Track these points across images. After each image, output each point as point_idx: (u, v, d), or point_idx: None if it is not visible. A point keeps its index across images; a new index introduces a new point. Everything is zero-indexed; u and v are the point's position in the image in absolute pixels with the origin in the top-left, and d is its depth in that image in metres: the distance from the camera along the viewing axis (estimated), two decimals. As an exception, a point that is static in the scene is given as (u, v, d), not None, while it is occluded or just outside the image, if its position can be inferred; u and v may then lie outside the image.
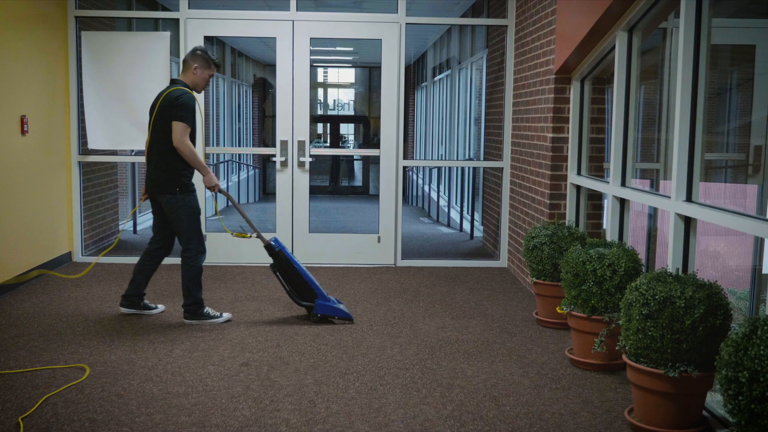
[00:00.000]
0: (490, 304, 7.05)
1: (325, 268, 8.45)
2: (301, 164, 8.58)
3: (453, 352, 5.59)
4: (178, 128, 6.00)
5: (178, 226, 6.21)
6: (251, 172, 18.10)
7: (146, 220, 11.98)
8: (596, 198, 6.87)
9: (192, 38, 8.34)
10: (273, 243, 6.39)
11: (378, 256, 8.74)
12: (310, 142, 8.62)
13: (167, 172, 6.14)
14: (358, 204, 15.89)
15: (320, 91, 23.55)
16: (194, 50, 6.31)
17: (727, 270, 6.42)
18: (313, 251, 8.70)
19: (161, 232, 6.42)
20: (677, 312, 3.97)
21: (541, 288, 6.27)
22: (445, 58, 14.93)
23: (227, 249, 8.58)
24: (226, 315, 6.31)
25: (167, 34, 8.37)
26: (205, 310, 6.27)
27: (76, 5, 8.42)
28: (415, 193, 17.61)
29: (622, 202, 5.97)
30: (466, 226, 11.59)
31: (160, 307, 6.61)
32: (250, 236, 6.50)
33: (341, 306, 6.42)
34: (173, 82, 6.28)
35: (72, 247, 8.62)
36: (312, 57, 8.66)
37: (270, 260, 6.49)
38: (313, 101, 22.85)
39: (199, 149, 8.35)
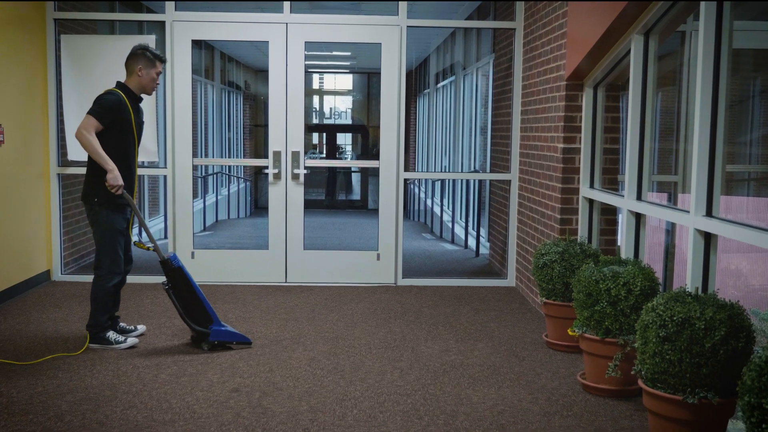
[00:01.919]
0: (497, 325, 7.06)
1: (321, 288, 8.46)
2: (296, 177, 8.61)
3: (457, 377, 5.60)
4: (84, 120, 5.96)
5: (95, 240, 6.21)
6: (242, 185, 18.13)
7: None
8: (610, 213, 6.89)
9: (179, 42, 8.38)
10: (171, 258, 6.21)
11: (377, 274, 8.75)
12: (305, 153, 8.64)
13: (89, 180, 6.13)
14: (356, 219, 15.91)
15: (316, 98, 23.60)
16: (134, 50, 6.28)
17: (750, 289, 6.42)
18: (308, 269, 8.71)
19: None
20: (697, 334, 3.98)
21: (551, 308, 6.28)
22: (449, 63, 14.98)
23: (215, 267, 8.60)
24: (132, 340, 6.23)
25: (152, 38, 8.38)
26: (107, 335, 6.16)
27: (56, 7, 8.46)
28: (416, 208, 17.64)
29: (638, 217, 5.99)
30: (472, 242, 11.60)
31: (141, 327, 6.64)
32: (149, 248, 6.29)
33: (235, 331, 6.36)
34: (117, 84, 6.29)
35: (51, 265, 8.63)
36: (307, 62, 8.69)
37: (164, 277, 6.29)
38: (308, 109, 22.90)
39: (186, 166, 8.38)
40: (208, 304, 6.21)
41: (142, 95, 6.38)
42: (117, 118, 6.08)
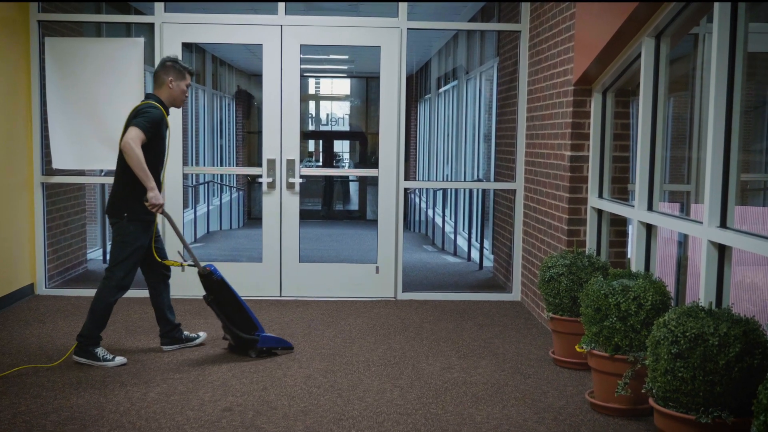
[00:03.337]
0: (502, 341, 7.06)
1: (317, 302, 8.46)
2: (291, 186, 8.62)
3: (460, 395, 5.61)
4: (131, 131, 6.02)
5: (114, 251, 6.26)
6: (234, 195, 18.16)
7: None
8: (620, 224, 6.91)
9: (169, 45, 8.40)
10: (212, 271, 6.45)
11: (376, 288, 8.76)
12: (301, 161, 8.66)
13: (119, 194, 6.24)
14: (353, 230, 15.93)
15: (312, 104, 23.66)
16: (164, 62, 6.42)
17: (766, 304, 6.43)
18: (304, 283, 8.71)
19: (144, 261, 6.50)
20: (710, 351, 3.99)
21: (558, 324, 6.29)
22: (451, 67, 15.02)
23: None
24: (119, 359, 6.22)
25: (141, 40, 8.42)
26: (96, 350, 6.19)
27: (39, 8, 8.47)
28: (417, 218, 17.66)
29: (649, 228, 6.01)
30: (475, 254, 11.61)
31: (202, 334, 6.82)
32: (183, 264, 6.54)
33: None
34: (147, 96, 6.40)
35: (35, 278, 8.63)
36: (303, 66, 8.71)
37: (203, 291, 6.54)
38: (304, 115, 22.94)
39: (176, 175, 8.40)
40: (251, 312, 6.52)
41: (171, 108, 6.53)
42: (157, 133, 6.20)
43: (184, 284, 8.10)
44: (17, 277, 8.30)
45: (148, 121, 6.09)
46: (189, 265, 6.54)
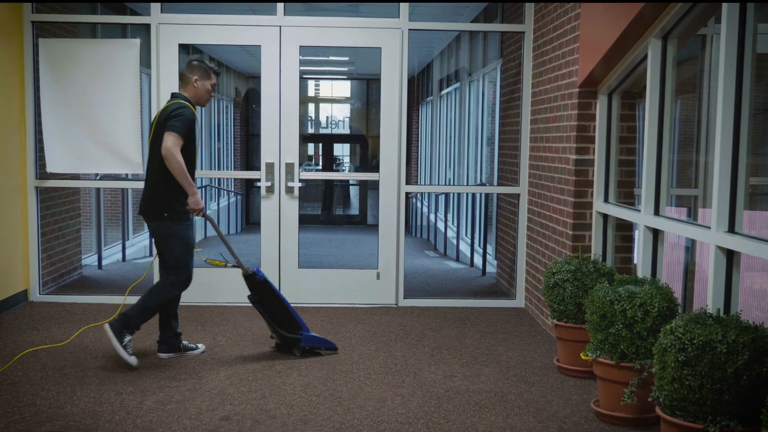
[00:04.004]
0: (505, 349, 7.06)
1: (317, 309, 8.46)
2: (290, 190, 8.63)
3: (463, 404, 5.61)
4: (170, 138, 6.20)
5: (166, 254, 6.47)
6: (233, 199, 18.16)
7: (112, 254, 12.02)
8: (626, 228, 6.91)
9: (165, 46, 8.41)
10: (256, 272, 6.70)
11: (377, 294, 8.76)
12: (300, 164, 8.66)
13: (158, 194, 6.40)
14: (354, 235, 15.93)
15: (311, 106, 23.67)
16: (190, 61, 6.59)
17: (776, 311, 6.43)
18: (303, 289, 8.71)
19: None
20: (718, 359, 3.99)
21: (562, 331, 6.29)
22: (454, 69, 15.03)
23: (204, 287, 8.59)
24: (133, 359, 6.29)
25: (137, 41, 8.43)
26: (126, 335, 6.27)
27: (33, 9, 8.48)
28: (419, 223, 17.67)
29: (656, 234, 6.01)
30: (478, 260, 11.62)
31: (201, 346, 6.86)
32: (227, 265, 6.77)
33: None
34: (173, 96, 6.54)
35: (28, 284, 8.63)
36: (302, 68, 8.72)
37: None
38: (303, 118, 22.95)
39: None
40: (294, 311, 6.80)
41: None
42: (191, 134, 6.40)
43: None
44: (10, 283, 8.29)
45: (184, 123, 6.27)
46: (232, 266, 6.75)
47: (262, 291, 6.72)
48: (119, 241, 12.39)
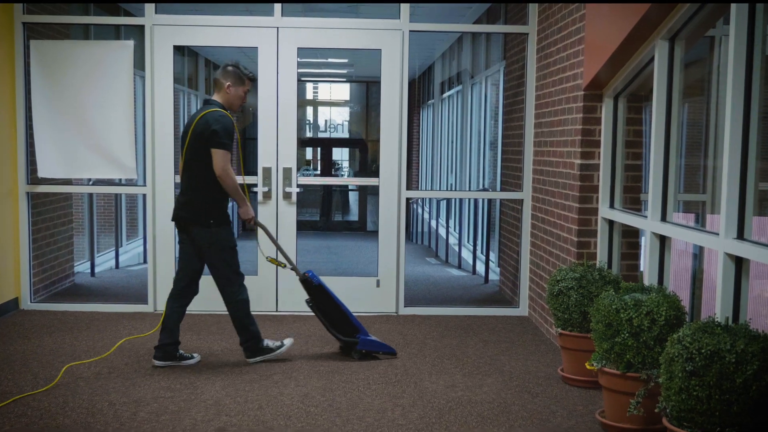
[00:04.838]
0: (508, 358, 7.06)
1: (315, 317, 8.41)
2: (287, 195, 8.63)
3: (465, 415, 5.60)
4: (220, 156, 6.45)
5: (216, 263, 6.66)
6: (228, 205, 18.13)
7: (105, 261, 12.01)
8: (632, 235, 6.91)
9: (160, 48, 8.42)
10: (310, 276, 6.99)
11: (377, 302, 8.76)
12: (298, 169, 8.66)
13: (202, 202, 6.59)
14: (353, 242, 15.92)
15: (309, 109, 23.66)
16: (225, 67, 6.72)
17: (786, 319, 6.43)
18: (301, 297, 8.62)
19: (188, 268, 6.77)
20: (727, 368, 3.99)
21: (567, 340, 6.29)
22: (456, 71, 15.04)
23: (200, 294, 8.51)
24: (287, 341, 6.93)
25: (131, 43, 8.44)
26: (263, 344, 6.80)
27: (24, 10, 8.48)
28: (420, 230, 17.64)
29: (663, 240, 6.01)
30: (480, 267, 11.61)
31: (196, 356, 6.88)
32: (285, 266, 7.11)
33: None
34: (207, 102, 6.71)
35: (19, 292, 8.63)
36: (300, 70, 8.73)
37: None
38: (301, 122, 22.95)
39: (168, 185, 8.42)
40: (352, 315, 7.06)
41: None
42: (232, 142, 6.61)
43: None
44: (1, 291, 8.29)
45: (226, 134, 6.50)
46: (291, 269, 7.11)
47: (317, 295, 6.99)
48: (112, 248, 12.38)
